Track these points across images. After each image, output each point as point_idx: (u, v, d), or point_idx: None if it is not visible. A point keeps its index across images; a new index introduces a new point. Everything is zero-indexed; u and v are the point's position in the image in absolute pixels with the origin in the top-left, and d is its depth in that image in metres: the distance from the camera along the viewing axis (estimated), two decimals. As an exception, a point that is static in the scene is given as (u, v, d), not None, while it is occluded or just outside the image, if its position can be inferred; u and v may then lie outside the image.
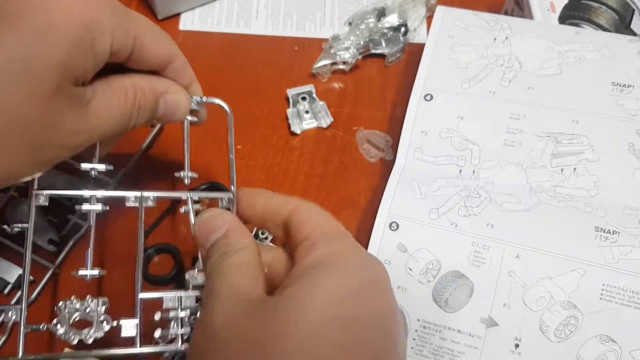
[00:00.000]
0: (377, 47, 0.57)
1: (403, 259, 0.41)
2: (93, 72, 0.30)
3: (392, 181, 0.45)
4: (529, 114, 0.46)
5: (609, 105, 0.45)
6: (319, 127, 0.53)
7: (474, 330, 0.39)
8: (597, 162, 0.43)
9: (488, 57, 0.49)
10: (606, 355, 0.37)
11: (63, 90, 0.28)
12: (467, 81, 0.48)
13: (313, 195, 0.50)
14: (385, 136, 0.53)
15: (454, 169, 0.45)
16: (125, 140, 0.52)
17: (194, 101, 0.38)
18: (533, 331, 0.38)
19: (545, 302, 0.39)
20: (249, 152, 0.52)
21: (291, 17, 0.61)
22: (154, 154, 0.52)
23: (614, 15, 0.53)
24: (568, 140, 0.44)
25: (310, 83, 0.55)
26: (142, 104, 0.34)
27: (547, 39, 0.49)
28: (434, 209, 0.43)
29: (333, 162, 0.52)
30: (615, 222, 0.41)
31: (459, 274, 0.40)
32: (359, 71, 0.57)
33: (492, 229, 0.41)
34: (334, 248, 0.30)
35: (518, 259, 0.40)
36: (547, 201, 0.42)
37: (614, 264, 0.39)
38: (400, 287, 0.41)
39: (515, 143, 0.45)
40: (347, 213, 0.49)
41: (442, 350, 0.40)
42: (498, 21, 0.51)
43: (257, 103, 0.55)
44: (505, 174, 0.44)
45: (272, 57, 0.58)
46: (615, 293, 0.38)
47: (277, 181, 0.51)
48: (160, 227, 0.48)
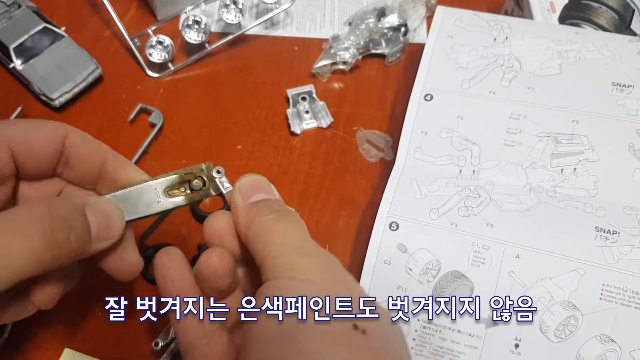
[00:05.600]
0: (377, 47, 0.57)
1: (403, 259, 0.41)
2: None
3: (392, 181, 0.45)
4: (529, 114, 0.46)
5: (609, 105, 0.45)
6: (319, 127, 0.53)
7: (474, 330, 0.39)
8: (597, 162, 0.43)
9: (488, 57, 0.49)
10: (606, 355, 0.37)
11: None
12: (467, 81, 0.48)
13: (313, 195, 0.50)
14: (385, 136, 0.53)
15: (454, 169, 0.45)
16: (125, 140, 0.52)
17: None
18: (533, 331, 0.38)
19: (545, 302, 0.39)
20: (249, 152, 0.52)
21: (291, 17, 0.61)
22: (154, 154, 0.52)
23: (614, 15, 0.53)
24: (568, 140, 0.44)
25: (310, 83, 0.55)
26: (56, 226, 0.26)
27: (547, 39, 0.49)
28: (434, 209, 0.43)
29: (333, 162, 0.52)
30: (615, 222, 0.40)
31: (459, 274, 0.40)
32: (359, 71, 0.57)
33: (492, 229, 0.41)
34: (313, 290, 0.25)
35: (518, 259, 0.40)
36: (547, 201, 0.42)
37: (613, 264, 0.39)
38: (400, 287, 0.41)
39: (515, 143, 0.45)
40: (347, 213, 0.49)
41: (442, 350, 0.40)
42: (498, 21, 0.51)
43: (257, 103, 0.55)
44: (505, 174, 0.44)
45: (272, 57, 0.58)
46: (615, 293, 0.38)
47: (277, 181, 0.50)
48: (161, 227, 0.48)
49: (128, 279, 0.33)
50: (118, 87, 0.55)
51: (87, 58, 0.54)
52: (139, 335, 0.42)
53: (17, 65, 0.53)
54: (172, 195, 0.32)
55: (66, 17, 0.59)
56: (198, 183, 0.32)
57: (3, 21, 0.54)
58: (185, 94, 0.55)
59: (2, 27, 0.53)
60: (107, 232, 0.29)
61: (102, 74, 0.54)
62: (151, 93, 0.55)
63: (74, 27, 0.57)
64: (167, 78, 0.56)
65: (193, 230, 0.48)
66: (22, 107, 0.52)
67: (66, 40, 0.54)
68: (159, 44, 0.55)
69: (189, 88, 0.56)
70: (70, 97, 0.53)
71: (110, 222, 0.29)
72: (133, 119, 0.53)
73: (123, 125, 0.53)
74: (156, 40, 0.55)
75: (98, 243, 0.29)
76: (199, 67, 0.57)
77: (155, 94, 0.55)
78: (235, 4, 0.56)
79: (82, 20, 0.60)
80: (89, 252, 0.29)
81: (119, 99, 0.55)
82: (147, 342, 0.41)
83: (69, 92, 0.52)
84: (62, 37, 0.54)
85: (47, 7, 0.58)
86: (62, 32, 0.54)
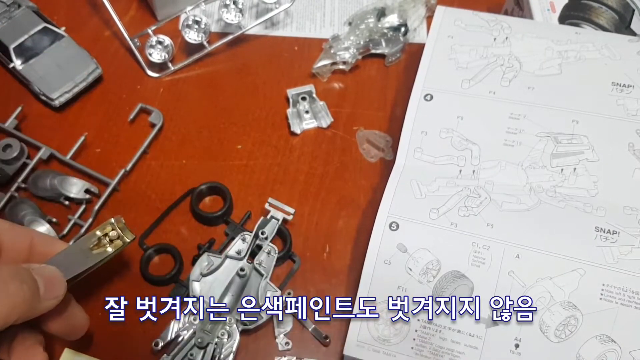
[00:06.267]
0: (377, 47, 0.57)
1: (403, 259, 0.41)
2: None
3: (392, 181, 0.45)
4: (529, 114, 0.46)
5: (609, 105, 0.45)
6: (319, 127, 0.53)
7: (474, 330, 0.39)
8: (597, 162, 0.43)
9: (488, 57, 0.49)
10: (606, 355, 0.37)
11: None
12: (467, 81, 0.48)
13: (313, 195, 0.50)
14: (385, 136, 0.53)
15: (454, 168, 0.45)
16: (125, 140, 0.52)
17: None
18: (533, 331, 0.38)
19: (545, 302, 0.39)
20: (249, 152, 0.52)
21: (291, 17, 0.61)
22: (154, 154, 0.52)
23: (614, 15, 0.53)
24: (568, 140, 0.44)
25: (310, 83, 0.55)
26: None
27: (547, 39, 0.49)
28: (434, 209, 0.43)
29: (333, 162, 0.52)
30: (615, 222, 0.40)
31: (459, 274, 0.40)
32: (359, 71, 0.57)
33: (492, 229, 0.41)
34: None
35: (518, 259, 0.40)
36: (547, 201, 0.42)
37: (613, 264, 0.39)
38: (400, 287, 0.41)
39: (515, 143, 0.45)
40: (347, 213, 0.49)
41: (442, 350, 0.40)
42: (498, 21, 0.51)
43: (257, 103, 0.55)
44: (505, 174, 0.44)
45: (272, 57, 0.58)
46: (615, 293, 0.38)
47: (277, 181, 0.51)
48: (160, 227, 0.48)
49: (76, 338, 0.37)
50: (118, 87, 0.55)
51: (87, 58, 0.54)
52: (139, 335, 0.42)
53: (17, 65, 0.52)
54: (98, 249, 0.37)
55: (66, 17, 0.59)
56: (114, 233, 0.38)
57: (3, 21, 0.54)
58: (185, 93, 0.55)
59: (2, 27, 0.53)
60: (53, 291, 0.33)
61: (102, 74, 0.54)
62: (151, 93, 0.55)
63: (74, 27, 0.57)
64: (167, 78, 0.56)
65: (193, 230, 0.48)
66: (22, 107, 0.52)
67: (66, 40, 0.54)
68: (159, 44, 0.55)
69: (189, 88, 0.56)
70: (70, 97, 0.53)
71: (54, 280, 0.33)
72: (133, 119, 0.53)
73: (123, 125, 0.53)
74: (156, 40, 0.55)
75: (46, 302, 0.32)
76: (199, 67, 0.57)
77: (155, 94, 0.55)
78: (235, 4, 0.56)
79: (82, 20, 0.60)
80: (40, 309, 0.32)
81: (119, 99, 0.55)
82: (147, 342, 0.41)
83: (69, 92, 0.52)
84: (62, 37, 0.54)
85: (47, 7, 0.58)
86: (62, 32, 0.54)
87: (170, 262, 0.45)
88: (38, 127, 0.52)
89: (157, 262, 0.46)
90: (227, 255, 0.44)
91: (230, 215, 0.48)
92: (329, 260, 0.47)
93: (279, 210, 0.46)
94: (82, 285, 0.37)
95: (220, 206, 0.48)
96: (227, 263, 0.44)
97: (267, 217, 0.46)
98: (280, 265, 0.46)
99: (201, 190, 0.49)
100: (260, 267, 0.44)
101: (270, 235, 0.45)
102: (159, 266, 0.46)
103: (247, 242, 0.44)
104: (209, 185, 0.49)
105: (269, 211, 0.46)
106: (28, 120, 0.53)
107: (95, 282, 0.45)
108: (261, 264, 0.44)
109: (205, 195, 0.49)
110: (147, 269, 0.45)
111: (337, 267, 0.46)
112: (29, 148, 0.50)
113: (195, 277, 0.43)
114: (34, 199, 0.48)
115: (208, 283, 0.43)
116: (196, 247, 0.46)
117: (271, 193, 0.49)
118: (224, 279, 0.43)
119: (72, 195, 0.47)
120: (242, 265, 0.44)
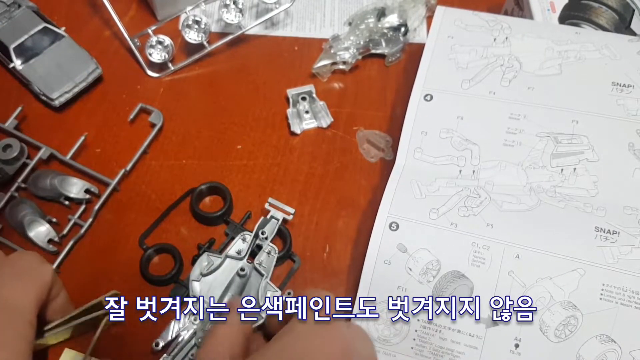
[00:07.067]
0: (377, 47, 0.57)
1: (403, 259, 0.41)
2: None
3: (392, 181, 0.45)
4: (529, 114, 0.46)
5: (609, 105, 0.45)
6: (319, 127, 0.53)
7: (474, 330, 0.39)
8: (597, 162, 0.43)
9: (488, 57, 0.49)
10: (606, 355, 0.37)
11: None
12: (467, 81, 0.48)
13: (313, 195, 0.50)
14: (385, 136, 0.53)
15: (454, 169, 0.45)
16: (125, 140, 0.52)
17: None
18: (533, 331, 0.38)
19: (545, 302, 0.39)
20: (249, 152, 0.52)
21: (291, 17, 0.61)
22: (154, 154, 0.52)
23: (614, 15, 0.53)
24: (568, 140, 0.44)
25: (310, 83, 0.55)
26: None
27: (547, 39, 0.49)
28: (434, 209, 0.43)
29: (333, 162, 0.52)
30: (615, 222, 0.40)
31: (459, 274, 0.40)
32: (359, 71, 0.57)
33: (492, 229, 0.41)
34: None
35: (518, 259, 0.40)
36: (547, 201, 0.42)
37: (613, 264, 0.39)
38: (400, 287, 0.41)
39: (515, 143, 0.45)
40: (347, 213, 0.49)
41: (442, 350, 0.40)
42: (498, 21, 0.51)
43: (257, 103, 0.55)
44: (505, 174, 0.44)
45: (272, 57, 0.58)
46: (615, 293, 0.38)
47: (277, 181, 0.51)
48: (161, 227, 0.48)
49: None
50: (118, 87, 0.55)
51: (87, 58, 0.54)
52: (139, 335, 0.42)
53: (17, 65, 0.52)
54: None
55: (66, 17, 0.59)
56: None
57: (3, 21, 0.54)
58: (185, 93, 0.55)
59: (2, 27, 0.53)
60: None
61: (102, 73, 0.54)
62: (151, 93, 0.55)
63: (74, 27, 0.57)
64: (167, 78, 0.56)
65: (193, 230, 0.48)
66: (22, 107, 0.52)
67: (66, 40, 0.54)
68: (159, 44, 0.55)
69: (189, 88, 0.56)
70: (70, 97, 0.53)
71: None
72: (133, 119, 0.53)
73: (123, 125, 0.53)
74: (156, 40, 0.55)
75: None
76: (198, 67, 0.57)
77: (155, 94, 0.55)
78: (235, 4, 0.56)
79: (82, 20, 0.60)
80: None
81: (119, 99, 0.55)
82: (147, 342, 0.41)
83: (69, 92, 0.52)
84: (62, 37, 0.54)
85: (47, 7, 0.58)
86: (62, 32, 0.54)
87: (170, 262, 0.45)
88: (38, 127, 0.52)
89: (157, 262, 0.46)
90: (227, 255, 0.44)
91: (230, 215, 0.48)
92: (329, 260, 0.47)
93: (279, 210, 0.46)
94: (82, 287, 0.37)
95: (220, 206, 0.48)
96: (227, 263, 0.44)
97: (267, 217, 0.46)
98: (280, 265, 0.46)
99: (201, 190, 0.49)
100: (261, 267, 0.44)
101: (270, 235, 0.45)
102: (159, 266, 0.46)
103: (247, 242, 0.44)
104: (209, 185, 0.49)
105: (269, 211, 0.46)
106: (28, 120, 0.53)
107: (95, 282, 0.45)
108: (261, 264, 0.44)
109: (205, 195, 0.49)
110: (147, 269, 0.45)
111: (337, 267, 0.46)
112: (29, 148, 0.50)
113: (195, 277, 0.43)
114: (34, 199, 0.48)
115: (208, 283, 0.43)
116: (196, 247, 0.46)
117: (271, 193, 0.49)
118: (224, 279, 0.43)
119: (72, 195, 0.47)
120: (242, 265, 0.44)
